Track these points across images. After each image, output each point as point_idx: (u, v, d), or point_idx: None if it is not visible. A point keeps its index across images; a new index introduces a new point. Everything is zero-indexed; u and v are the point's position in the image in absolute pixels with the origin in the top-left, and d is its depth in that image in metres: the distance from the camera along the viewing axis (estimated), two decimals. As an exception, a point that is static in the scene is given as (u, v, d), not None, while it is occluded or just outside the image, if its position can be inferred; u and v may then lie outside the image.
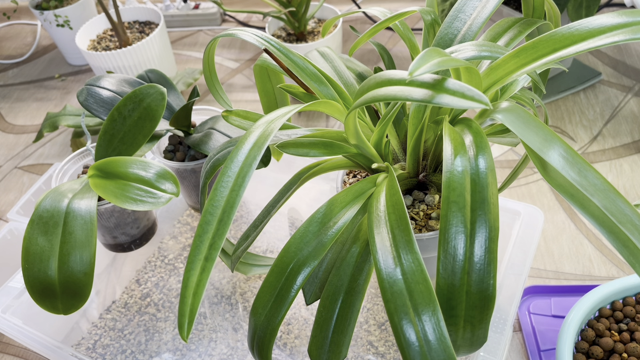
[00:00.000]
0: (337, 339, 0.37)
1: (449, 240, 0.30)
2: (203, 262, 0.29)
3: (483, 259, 0.30)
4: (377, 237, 0.33)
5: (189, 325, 0.28)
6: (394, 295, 0.30)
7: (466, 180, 0.31)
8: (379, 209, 0.36)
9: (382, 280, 0.31)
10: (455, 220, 0.30)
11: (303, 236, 0.37)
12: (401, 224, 0.33)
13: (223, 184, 0.31)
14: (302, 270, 0.36)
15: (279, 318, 0.35)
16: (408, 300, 0.29)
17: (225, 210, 0.30)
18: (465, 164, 0.31)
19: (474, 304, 0.30)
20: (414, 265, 0.31)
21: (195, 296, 0.28)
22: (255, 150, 0.32)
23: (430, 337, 0.29)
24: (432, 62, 0.28)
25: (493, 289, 0.30)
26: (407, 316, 0.29)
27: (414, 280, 0.30)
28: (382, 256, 0.32)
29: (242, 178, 0.31)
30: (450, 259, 0.30)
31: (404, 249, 0.32)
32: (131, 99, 0.52)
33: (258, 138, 0.32)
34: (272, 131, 0.33)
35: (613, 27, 0.30)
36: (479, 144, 0.32)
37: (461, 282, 0.30)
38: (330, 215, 0.38)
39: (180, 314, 0.28)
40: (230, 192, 0.30)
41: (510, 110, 0.31)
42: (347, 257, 0.39)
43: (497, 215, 0.31)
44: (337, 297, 0.37)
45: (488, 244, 0.30)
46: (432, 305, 0.29)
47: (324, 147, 0.40)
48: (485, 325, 0.31)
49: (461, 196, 0.30)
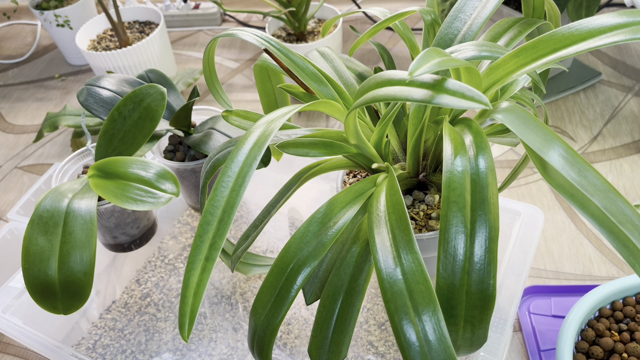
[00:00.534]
0: (337, 338, 0.37)
1: (449, 240, 0.30)
2: (204, 262, 0.29)
3: (483, 259, 0.30)
4: (377, 237, 0.33)
5: (190, 325, 0.28)
6: (394, 295, 0.30)
7: (466, 180, 0.31)
8: (379, 209, 0.36)
9: (383, 280, 0.31)
10: (456, 220, 0.30)
11: (303, 236, 0.37)
12: (401, 224, 0.33)
13: (223, 184, 0.31)
14: (302, 270, 0.36)
15: (279, 318, 0.35)
16: (408, 300, 0.30)
17: (226, 210, 0.30)
18: (465, 164, 0.31)
19: (474, 303, 0.30)
20: (414, 266, 0.31)
21: (196, 296, 0.28)
22: (256, 150, 0.32)
23: (430, 337, 0.29)
24: (432, 62, 0.28)
25: (493, 289, 0.30)
26: (407, 316, 0.29)
27: (414, 280, 0.30)
28: (382, 256, 0.32)
29: (242, 178, 0.31)
30: (451, 258, 0.30)
31: (404, 249, 0.32)
32: (131, 99, 0.52)
33: (258, 138, 0.32)
34: (272, 131, 0.33)
35: (613, 27, 0.30)
36: (479, 144, 0.32)
37: (461, 282, 0.30)
38: (331, 215, 0.38)
39: (180, 314, 0.28)
40: (231, 192, 0.30)
41: (510, 110, 0.31)
42: (347, 257, 0.39)
43: (497, 215, 0.31)
44: (337, 297, 0.37)
45: (488, 244, 0.30)
46: (432, 305, 0.29)
47: (324, 147, 0.40)
48: (485, 325, 0.31)
49: (461, 196, 0.31)
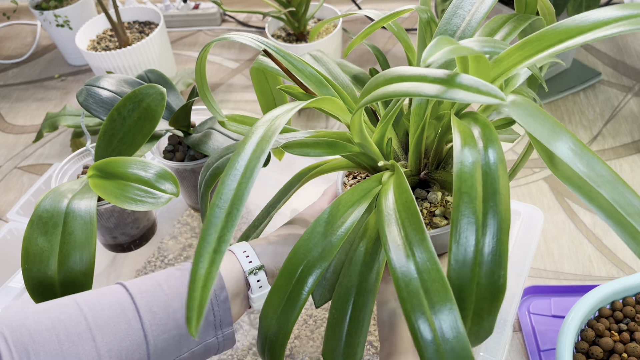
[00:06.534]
0: (351, 340, 0.36)
1: (461, 232, 0.30)
2: (212, 254, 0.28)
3: (494, 250, 0.30)
4: (389, 236, 0.33)
5: (198, 320, 0.27)
6: (410, 294, 0.30)
7: (477, 172, 0.31)
8: (388, 207, 0.35)
9: (397, 279, 0.30)
10: (467, 212, 0.30)
11: (311, 237, 0.37)
12: (413, 221, 0.33)
13: (231, 177, 0.30)
14: (313, 272, 0.36)
15: (291, 321, 0.35)
16: (424, 299, 0.29)
17: (234, 203, 0.29)
18: (476, 156, 0.31)
19: (484, 295, 0.30)
20: (429, 264, 0.30)
21: (204, 289, 0.27)
22: (264, 144, 0.31)
23: (447, 335, 0.28)
24: (444, 50, 0.28)
25: (504, 281, 0.30)
26: (423, 315, 0.29)
27: (429, 278, 0.30)
28: (395, 255, 0.32)
29: (250, 170, 0.30)
30: (462, 250, 0.30)
31: (418, 247, 0.31)
32: (131, 99, 0.52)
33: (264, 133, 0.32)
34: (278, 126, 0.32)
35: (617, 19, 0.30)
36: (488, 135, 0.32)
37: (472, 274, 0.30)
38: (338, 215, 0.38)
39: (188, 308, 0.27)
40: (239, 184, 0.30)
41: (518, 103, 0.31)
42: (355, 256, 0.38)
43: (508, 207, 0.30)
44: (349, 297, 0.37)
45: (499, 235, 0.30)
46: (449, 303, 0.29)
47: (327, 146, 0.40)
48: (493, 318, 0.31)
49: (472, 187, 0.30)
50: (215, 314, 0.41)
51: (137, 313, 0.39)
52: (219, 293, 0.41)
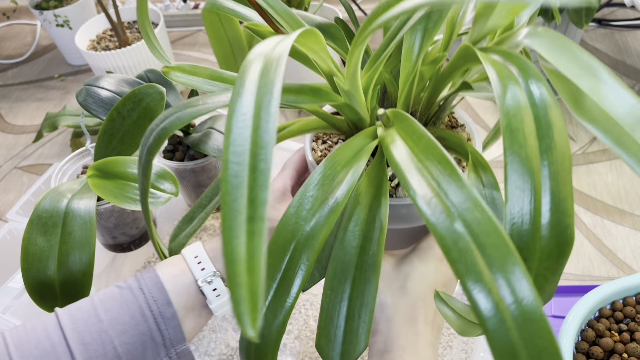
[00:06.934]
0: (352, 325, 0.31)
1: (515, 178, 0.25)
2: (247, 224, 0.19)
3: (558, 195, 0.25)
4: (418, 191, 0.26)
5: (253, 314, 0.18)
6: (461, 253, 0.23)
7: (524, 105, 0.26)
8: (403, 159, 0.29)
9: (442, 238, 0.24)
10: (521, 151, 0.25)
11: (301, 205, 0.31)
12: (444, 169, 0.26)
13: (238, 123, 0.21)
14: (309, 245, 0.30)
15: (283, 321, 0.30)
16: (480, 257, 0.23)
17: (256, 154, 0.21)
18: (518, 88, 0.27)
19: (550, 252, 0.25)
20: (479, 214, 0.24)
21: (252, 272, 0.19)
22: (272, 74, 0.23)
23: (514, 298, 0.22)
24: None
25: (571, 231, 0.25)
26: (481, 278, 0.23)
27: (482, 231, 0.24)
28: (430, 211, 0.25)
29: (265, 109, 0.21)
30: (519, 200, 0.25)
31: (458, 198, 0.25)
32: (130, 99, 0.52)
33: (265, 64, 0.23)
34: (281, 54, 0.24)
35: None
36: (523, 67, 0.27)
37: (534, 227, 0.25)
38: (333, 176, 0.32)
39: (235, 302, 0.18)
40: (253, 130, 0.21)
41: (542, 34, 0.26)
42: (350, 225, 0.33)
43: (566, 140, 0.26)
44: (346, 274, 0.32)
45: (562, 175, 0.25)
46: (510, 258, 0.22)
47: (311, 93, 0.35)
48: (557, 278, 0.26)
49: (523, 122, 0.25)
50: (163, 333, 0.37)
51: (67, 348, 0.35)
52: (164, 310, 0.37)
